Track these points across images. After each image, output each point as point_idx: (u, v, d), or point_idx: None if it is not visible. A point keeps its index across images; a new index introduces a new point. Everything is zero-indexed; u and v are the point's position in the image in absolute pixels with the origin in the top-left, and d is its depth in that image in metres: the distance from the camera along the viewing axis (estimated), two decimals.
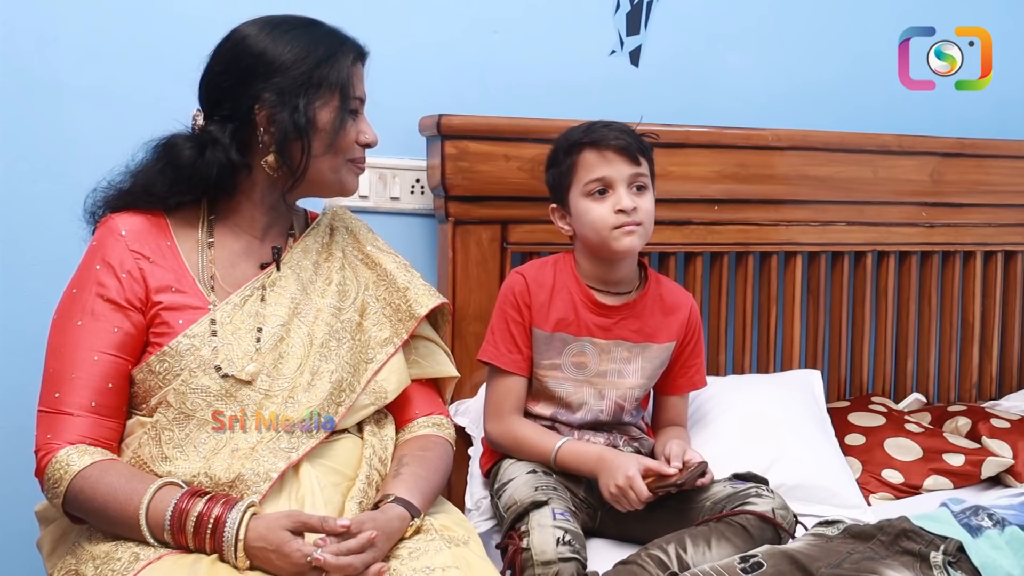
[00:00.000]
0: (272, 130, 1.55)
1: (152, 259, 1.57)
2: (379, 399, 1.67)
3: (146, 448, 1.52)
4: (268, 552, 1.39)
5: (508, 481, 1.82)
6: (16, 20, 2.04)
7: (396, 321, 1.71)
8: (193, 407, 1.52)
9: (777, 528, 1.71)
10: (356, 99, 1.62)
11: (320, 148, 1.58)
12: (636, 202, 1.85)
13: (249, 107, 1.55)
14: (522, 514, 1.69)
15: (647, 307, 1.94)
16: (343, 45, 1.60)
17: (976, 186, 2.63)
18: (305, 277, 1.65)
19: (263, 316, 1.59)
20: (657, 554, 1.64)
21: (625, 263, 1.92)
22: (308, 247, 1.69)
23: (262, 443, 1.52)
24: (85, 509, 1.48)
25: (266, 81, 1.54)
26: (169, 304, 1.55)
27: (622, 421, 1.95)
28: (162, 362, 1.53)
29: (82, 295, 1.55)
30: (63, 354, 1.53)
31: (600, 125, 1.89)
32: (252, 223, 1.64)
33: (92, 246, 1.60)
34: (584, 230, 1.88)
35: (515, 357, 1.90)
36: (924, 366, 2.67)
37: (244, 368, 1.54)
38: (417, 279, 1.75)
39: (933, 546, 1.55)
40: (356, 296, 1.69)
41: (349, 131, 1.61)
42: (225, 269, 1.61)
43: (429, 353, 1.78)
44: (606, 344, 1.91)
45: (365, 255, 1.74)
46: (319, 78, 1.55)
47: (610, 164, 1.85)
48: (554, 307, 1.90)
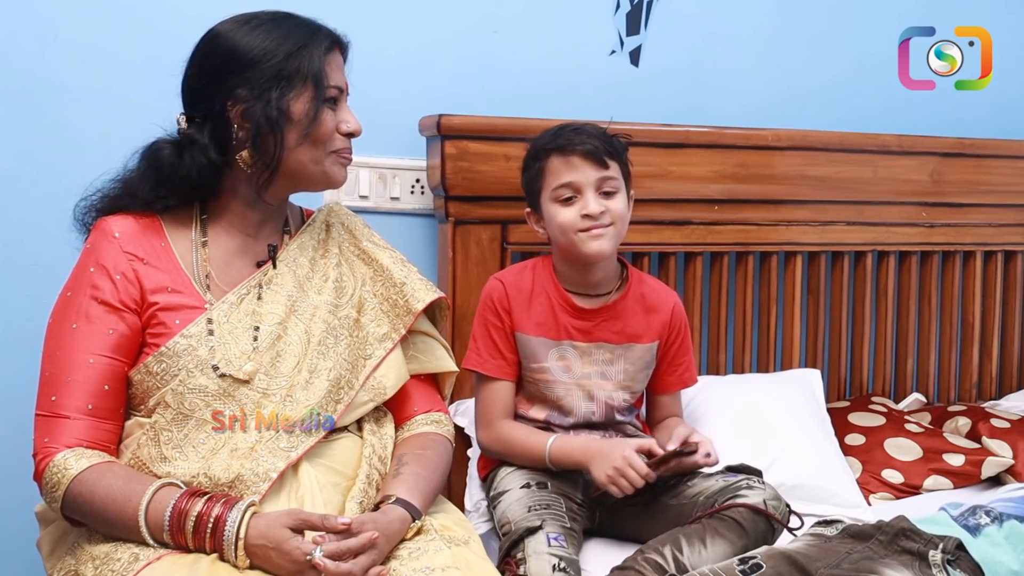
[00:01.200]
0: (247, 125, 1.54)
1: (146, 260, 1.56)
2: (378, 395, 1.67)
3: (145, 449, 1.52)
4: (268, 550, 1.39)
5: (503, 493, 1.82)
6: (16, 20, 2.04)
7: (394, 316, 1.70)
8: (191, 407, 1.52)
9: (769, 519, 1.71)
10: (333, 88, 1.58)
11: (294, 139, 1.56)
12: (605, 205, 1.84)
13: (223, 104, 1.55)
14: (516, 540, 1.69)
15: (628, 307, 1.94)
16: (315, 35, 1.58)
17: (976, 186, 2.63)
18: (302, 274, 1.65)
19: (260, 314, 1.58)
20: (653, 557, 1.63)
21: (600, 266, 1.91)
22: (304, 244, 1.68)
23: (261, 443, 1.52)
24: (84, 512, 1.48)
25: (238, 77, 1.53)
26: (165, 304, 1.55)
27: (615, 421, 1.95)
28: (159, 362, 1.53)
29: (76, 298, 1.55)
30: (59, 358, 1.53)
31: (569, 129, 1.87)
32: (243, 220, 1.63)
33: (86, 249, 1.59)
34: (555, 234, 1.89)
35: (499, 363, 1.90)
36: (924, 366, 2.67)
37: (241, 367, 1.54)
38: (414, 274, 1.74)
39: (932, 545, 1.55)
40: (353, 292, 1.68)
41: (325, 121, 1.58)
42: (220, 268, 1.61)
43: (428, 348, 1.77)
44: (586, 347, 1.91)
45: (362, 251, 1.73)
46: (290, 70, 1.54)
47: (576, 170, 1.84)
48: (533, 311, 1.91)
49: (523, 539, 1.68)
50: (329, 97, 1.58)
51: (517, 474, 1.85)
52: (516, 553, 1.68)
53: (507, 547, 1.70)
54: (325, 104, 1.57)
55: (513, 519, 1.74)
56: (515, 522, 1.73)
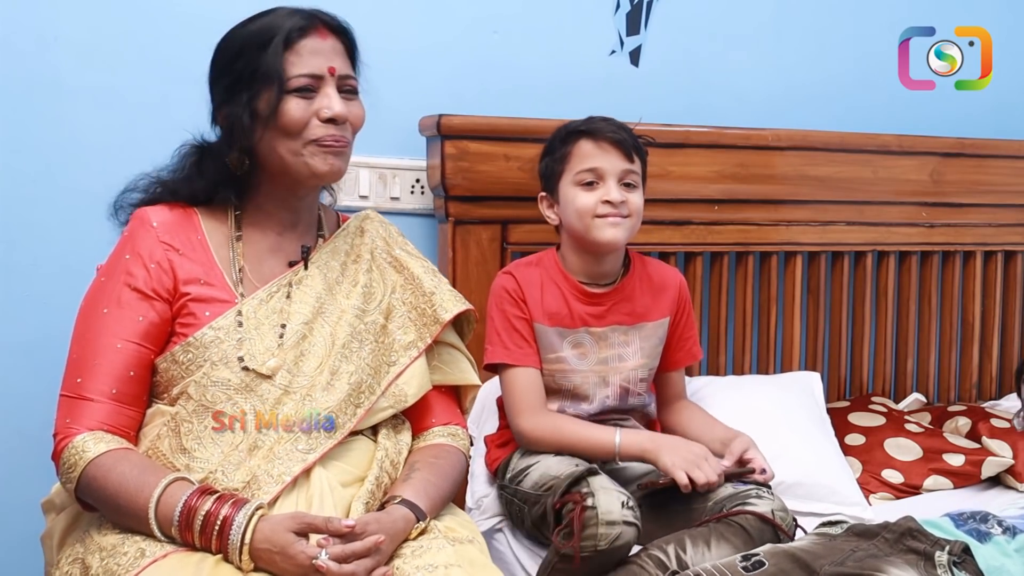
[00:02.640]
0: (227, 129, 1.59)
1: (182, 251, 1.58)
2: (399, 402, 1.67)
3: (165, 440, 1.53)
4: (273, 554, 1.40)
5: (531, 465, 1.83)
6: (16, 20, 2.04)
7: (421, 325, 1.70)
8: (213, 400, 1.53)
9: (776, 529, 1.71)
10: (300, 77, 1.56)
11: (261, 133, 1.56)
12: (625, 196, 1.88)
13: (215, 112, 1.61)
14: (579, 478, 1.70)
15: (635, 288, 1.97)
16: (277, 31, 1.56)
17: (976, 186, 2.63)
18: (332, 277, 1.66)
19: (288, 313, 1.60)
20: (656, 554, 1.64)
21: (611, 257, 1.94)
22: (337, 248, 1.70)
23: (280, 443, 1.53)
24: (96, 497, 1.48)
25: (218, 84, 1.59)
26: (197, 296, 1.56)
27: (628, 406, 1.97)
28: (186, 352, 1.54)
29: (110, 283, 1.57)
30: (87, 340, 1.54)
31: (599, 119, 1.92)
32: (275, 220, 1.65)
33: (124, 236, 1.62)
34: (569, 218, 1.91)
35: (527, 351, 1.91)
36: (924, 366, 2.67)
37: (265, 363, 1.55)
38: (444, 284, 1.75)
39: (938, 546, 1.55)
40: (382, 299, 1.69)
41: (289, 111, 1.55)
42: (253, 264, 1.62)
43: (452, 360, 1.77)
44: (602, 331, 1.93)
45: (394, 258, 1.74)
46: (250, 72, 1.55)
47: (604, 155, 1.87)
48: (546, 302, 1.92)
49: (586, 477, 1.69)
50: (296, 88, 1.56)
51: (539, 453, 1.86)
52: (581, 488, 1.68)
53: (567, 484, 1.70)
54: (293, 94, 1.55)
55: (563, 471, 1.75)
56: (566, 472, 1.74)
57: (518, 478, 1.85)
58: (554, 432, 1.87)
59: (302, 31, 1.58)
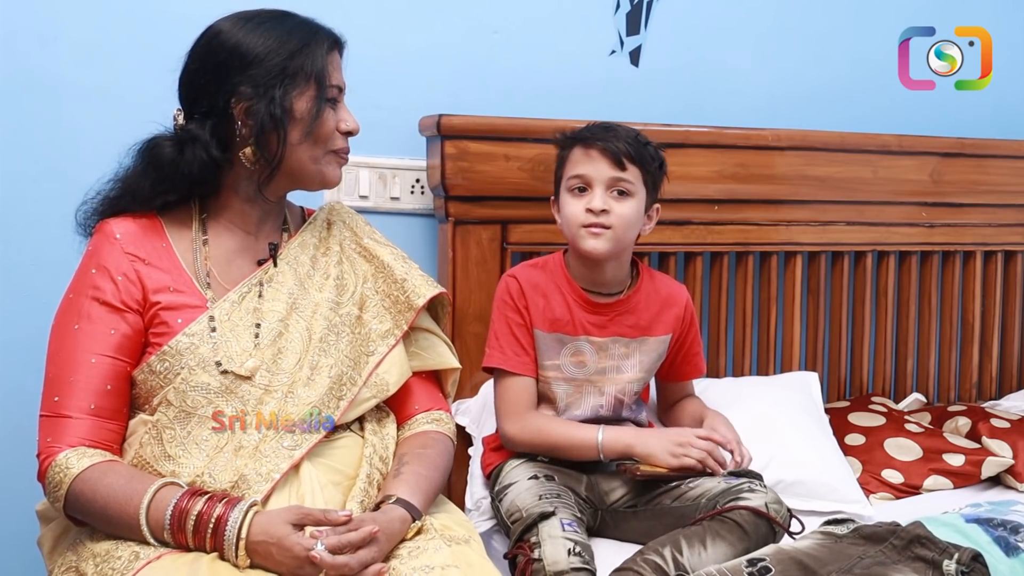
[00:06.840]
0: (250, 123, 1.55)
1: (148, 260, 1.57)
2: (381, 392, 1.67)
3: (148, 448, 1.53)
4: (269, 546, 1.40)
5: (509, 485, 1.82)
6: (16, 20, 2.04)
7: (396, 313, 1.71)
8: (194, 405, 1.52)
9: (771, 522, 1.71)
10: (333, 87, 1.61)
11: (297, 137, 1.57)
12: (609, 205, 1.85)
13: (226, 101, 1.56)
14: (531, 525, 1.69)
15: (641, 301, 1.95)
16: (316, 34, 1.59)
17: (976, 186, 2.63)
18: (302, 272, 1.65)
19: (261, 312, 1.59)
20: (653, 559, 1.62)
21: (609, 266, 1.92)
22: (305, 242, 1.69)
23: (264, 441, 1.53)
24: (85, 511, 1.48)
25: (242, 74, 1.55)
26: (167, 304, 1.55)
27: (620, 417, 1.96)
28: (162, 361, 1.53)
29: (78, 299, 1.56)
30: (61, 358, 1.54)
31: (599, 127, 1.90)
32: (243, 218, 1.64)
33: (88, 251, 1.61)
34: (562, 224, 1.92)
35: (524, 359, 1.90)
36: (924, 366, 2.67)
37: (243, 364, 1.55)
38: (415, 270, 1.75)
39: (947, 554, 1.52)
40: (355, 290, 1.69)
41: (327, 120, 1.60)
42: (221, 266, 1.62)
43: (430, 345, 1.78)
44: (603, 341, 1.92)
45: (363, 248, 1.74)
46: (294, 68, 1.55)
47: (591, 163, 1.86)
48: (549, 308, 1.91)
49: (537, 524, 1.68)
50: (330, 96, 1.60)
51: (524, 467, 1.86)
52: (530, 537, 1.68)
53: (520, 531, 1.70)
54: (327, 103, 1.58)
55: (524, 506, 1.73)
56: (526, 509, 1.72)
57: (499, 496, 1.84)
58: (538, 434, 1.87)
59: (333, 43, 1.61)
